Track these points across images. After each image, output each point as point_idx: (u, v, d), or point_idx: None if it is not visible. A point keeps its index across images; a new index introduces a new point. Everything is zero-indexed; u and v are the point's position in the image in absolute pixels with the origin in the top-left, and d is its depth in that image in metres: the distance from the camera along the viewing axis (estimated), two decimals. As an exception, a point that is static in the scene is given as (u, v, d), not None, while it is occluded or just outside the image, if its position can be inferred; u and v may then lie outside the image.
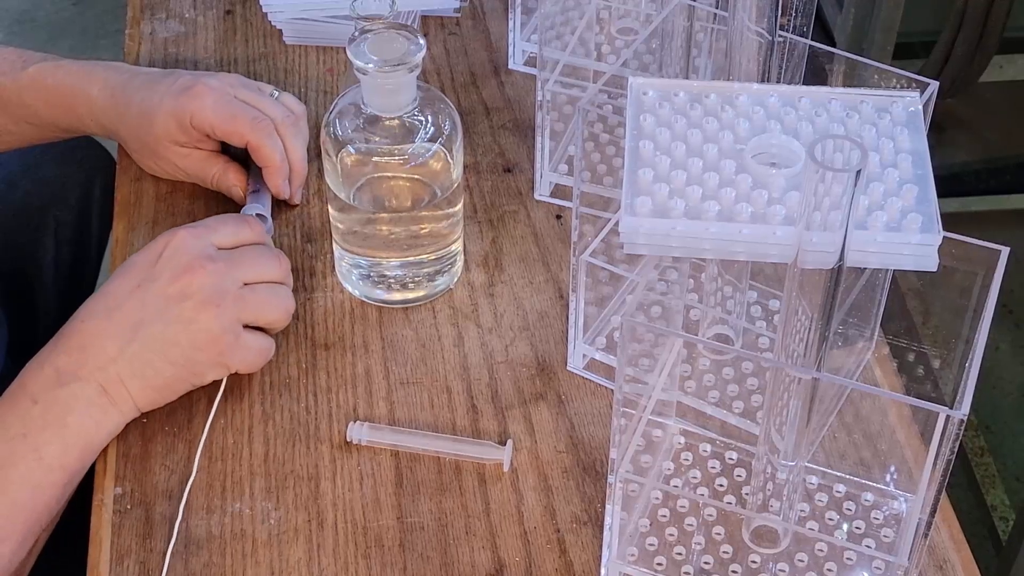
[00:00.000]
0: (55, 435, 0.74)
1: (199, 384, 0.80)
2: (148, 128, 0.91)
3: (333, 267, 0.90)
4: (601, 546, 0.74)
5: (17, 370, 1.03)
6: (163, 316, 0.76)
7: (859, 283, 0.78)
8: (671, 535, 0.74)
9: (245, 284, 0.79)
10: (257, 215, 0.90)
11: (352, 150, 0.83)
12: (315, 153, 0.97)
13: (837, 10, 1.87)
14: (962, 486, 1.63)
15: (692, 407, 0.80)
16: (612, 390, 0.82)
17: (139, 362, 0.76)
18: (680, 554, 0.73)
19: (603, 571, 0.73)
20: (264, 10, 1.09)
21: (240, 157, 0.94)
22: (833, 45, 1.64)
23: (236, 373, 0.81)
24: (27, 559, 0.75)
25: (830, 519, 0.74)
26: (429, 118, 0.82)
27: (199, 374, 0.79)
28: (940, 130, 1.98)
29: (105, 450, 0.79)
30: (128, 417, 0.78)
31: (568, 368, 0.84)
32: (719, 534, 0.74)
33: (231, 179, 0.92)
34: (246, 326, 0.79)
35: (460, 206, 0.87)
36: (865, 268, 0.76)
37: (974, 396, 0.59)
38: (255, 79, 1.05)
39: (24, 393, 0.76)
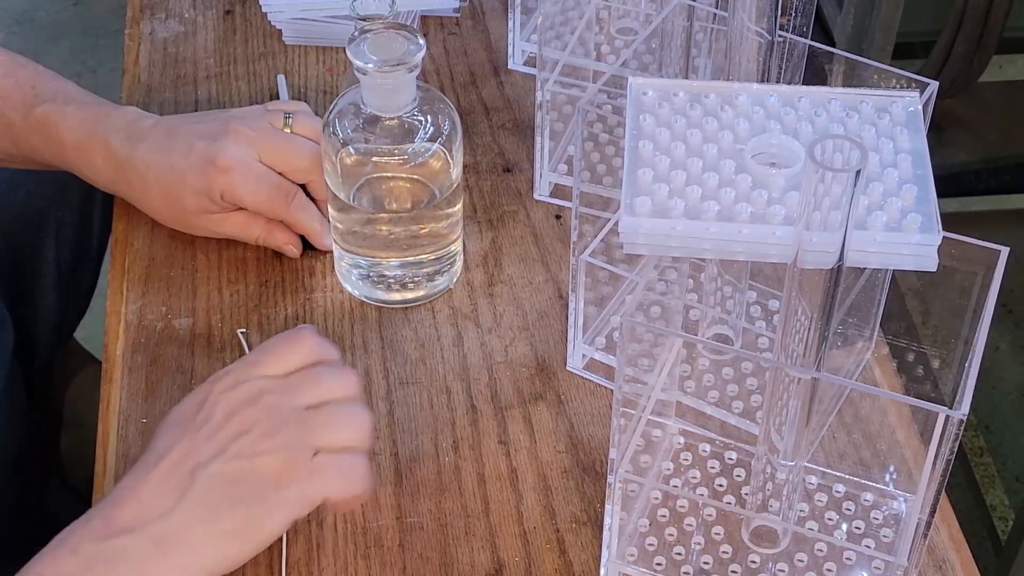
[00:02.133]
0: None
1: (279, 528, 0.67)
2: (177, 204, 0.88)
3: (333, 267, 0.90)
4: (600, 546, 0.74)
5: (21, 372, 1.04)
6: (221, 456, 0.66)
7: (859, 283, 0.78)
8: (670, 535, 0.74)
9: (308, 408, 0.69)
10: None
11: (352, 150, 0.83)
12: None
13: (837, 10, 1.87)
14: (961, 486, 1.63)
15: (691, 407, 0.80)
16: (612, 390, 0.82)
17: (201, 508, 0.65)
18: (680, 554, 0.73)
19: (602, 571, 0.73)
20: (264, 10, 1.09)
21: None
22: (833, 45, 1.64)
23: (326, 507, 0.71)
24: None
25: (829, 519, 0.74)
26: (429, 118, 0.82)
27: (275, 514, 0.67)
28: (940, 130, 1.98)
29: (105, 450, 0.79)
30: None
31: (567, 368, 0.85)
32: (718, 534, 0.74)
33: (279, 239, 0.89)
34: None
35: (459, 206, 0.87)
36: (865, 268, 0.76)
37: (974, 396, 0.59)
38: (255, 79, 1.05)
39: (63, 545, 0.64)
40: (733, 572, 0.72)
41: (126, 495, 0.66)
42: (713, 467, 0.77)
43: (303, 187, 0.90)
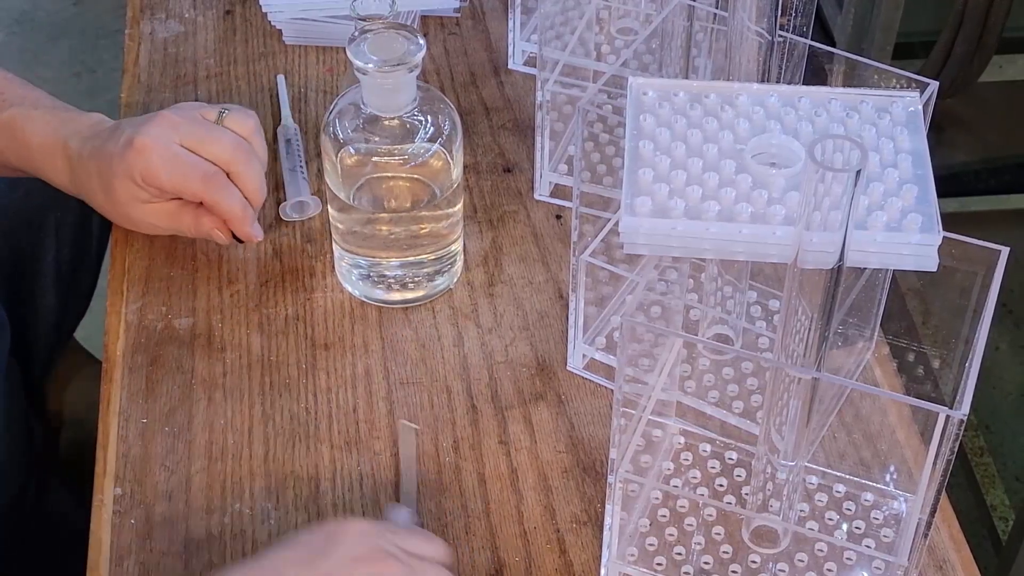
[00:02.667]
0: None
1: None
2: (113, 196, 0.88)
3: (333, 267, 0.90)
4: (601, 546, 0.74)
5: (21, 372, 1.04)
6: None
7: (859, 283, 0.78)
8: (671, 535, 0.74)
9: None
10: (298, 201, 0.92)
11: (352, 150, 0.83)
12: (315, 153, 0.98)
13: (837, 10, 1.87)
14: (962, 486, 1.63)
15: (692, 407, 0.80)
16: (612, 390, 0.82)
17: None
18: (680, 554, 0.73)
19: (603, 571, 0.73)
20: (264, 10, 1.09)
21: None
22: (833, 45, 1.64)
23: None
24: None
25: (830, 519, 0.74)
26: (429, 118, 0.82)
27: None
28: (940, 130, 1.98)
29: (105, 450, 0.79)
30: None
31: (568, 368, 0.84)
32: (719, 534, 0.74)
33: (206, 225, 0.88)
34: None
35: (460, 206, 0.87)
36: (865, 268, 0.76)
37: (974, 396, 0.59)
38: (255, 79, 1.05)
39: None
40: (733, 572, 0.72)
41: None
42: (713, 467, 0.77)
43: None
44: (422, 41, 0.79)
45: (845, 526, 0.74)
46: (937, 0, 1.84)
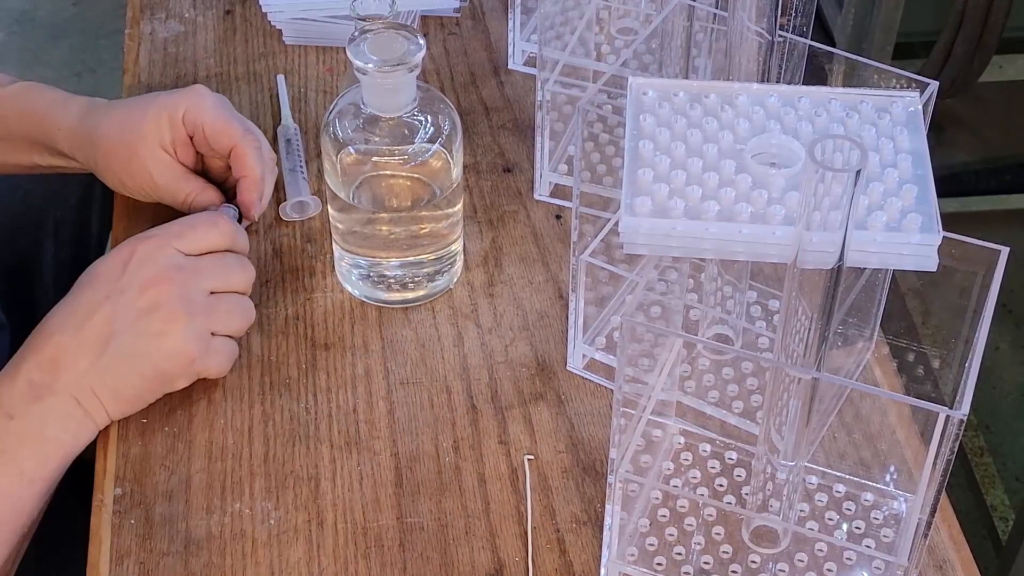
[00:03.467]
0: (34, 450, 0.75)
1: (170, 391, 0.80)
2: (135, 124, 0.88)
3: (333, 267, 0.90)
4: (601, 546, 0.74)
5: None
6: (133, 329, 0.77)
7: (859, 283, 0.78)
8: (671, 535, 0.74)
9: (211, 292, 0.80)
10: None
11: (352, 150, 0.83)
12: (315, 153, 0.98)
13: (837, 10, 1.87)
14: (962, 486, 1.63)
15: (692, 407, 0.80)
16: (612, 390, 0.82)
17: (111, 375, 0.77)
18: (680, 554, 0.73)
19: (603, 571, 0.73)
20: (264, 10, 1.09)
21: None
22: (833, 45, 1.64)
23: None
24: (10, 567, 0.76)
25: (830, 519, 0.74)
26: (429, 118, 0.82)
27: (169, 382, 0.79)
28: (940, 130, 1.98)
29: (105, 450, 0.79)
30: (102, 426, 0.79)
31: (568, 368, 0.85)
32: (719, 534, 0.74)
33: (210, 197, 0.90)
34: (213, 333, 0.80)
35: (460, 206, 0.87)
36: (865, 268, 0.76)
37: (974, 396, 0.59)
38: (255, 80, 1.05)
39: None
40: (733, 572, 0.72)
41: (46, 356, 0.76)
42: (713, 467, 0.77)
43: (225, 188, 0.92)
44: (422, 41, 0.79)
45: (845, 526, 0.74)
46: (937, 0, 1.84)
